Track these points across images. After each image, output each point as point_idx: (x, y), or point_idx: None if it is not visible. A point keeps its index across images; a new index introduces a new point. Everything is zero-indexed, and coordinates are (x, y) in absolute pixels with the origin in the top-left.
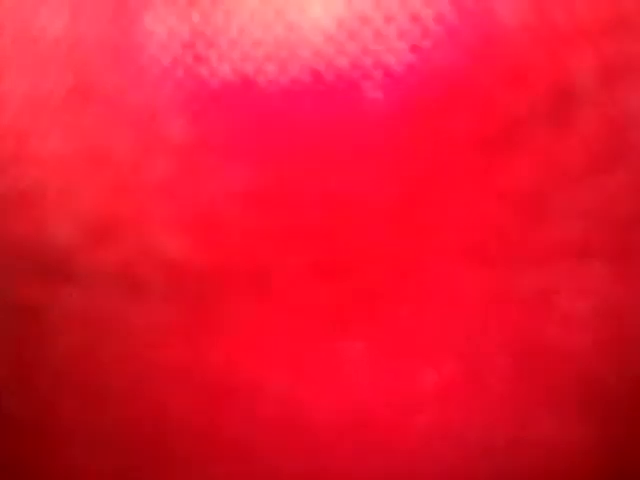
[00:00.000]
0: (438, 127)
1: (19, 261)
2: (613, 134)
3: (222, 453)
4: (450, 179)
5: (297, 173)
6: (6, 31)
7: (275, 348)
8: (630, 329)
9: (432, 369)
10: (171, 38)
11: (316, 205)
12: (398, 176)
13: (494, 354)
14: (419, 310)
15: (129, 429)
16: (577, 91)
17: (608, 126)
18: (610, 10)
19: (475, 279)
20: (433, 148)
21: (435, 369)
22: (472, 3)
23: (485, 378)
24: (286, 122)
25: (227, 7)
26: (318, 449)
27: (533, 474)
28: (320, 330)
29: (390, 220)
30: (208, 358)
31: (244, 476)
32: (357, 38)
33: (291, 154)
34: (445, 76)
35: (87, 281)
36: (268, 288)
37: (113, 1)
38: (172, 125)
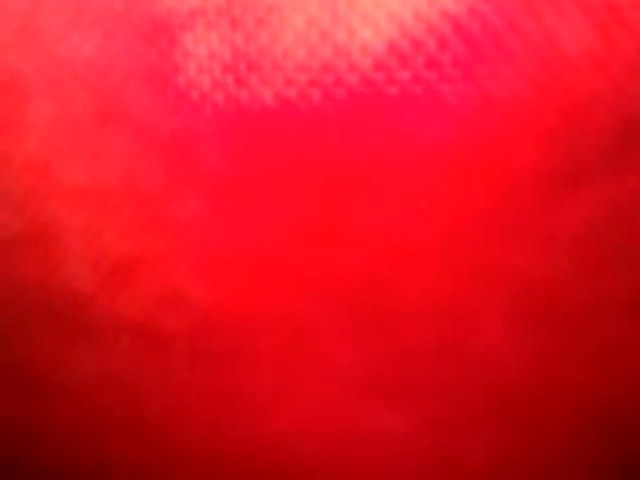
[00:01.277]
0: (492, 162)
1: (30, 309)
2: None
3: None
4: (503, 220)
5: (340, 211)
6: (32, 54)
7: (314, 412)
8: None
9: (484, 438)
10: (212, 60)
11: (359, 248)
12: (446, 216)
13: (553, 423)
14: (464, 374)
15: None
16: None
17: None
18: None
19: (527, 336)
20: (486, 186)
21: (488, 438)
22: (534, 29)
23: (543, 449)
24: (329, 154)
25: (272, 28)
26: None
27: None
28: (356, 393)
29: (434, 264)
30: (237, 426)
31: None
32: (409, 65)
33: (334, 190)
34: (502, 107)
35: (105, 337)
36: (297, 343)
37: (150, 21)
38: (208, 156)
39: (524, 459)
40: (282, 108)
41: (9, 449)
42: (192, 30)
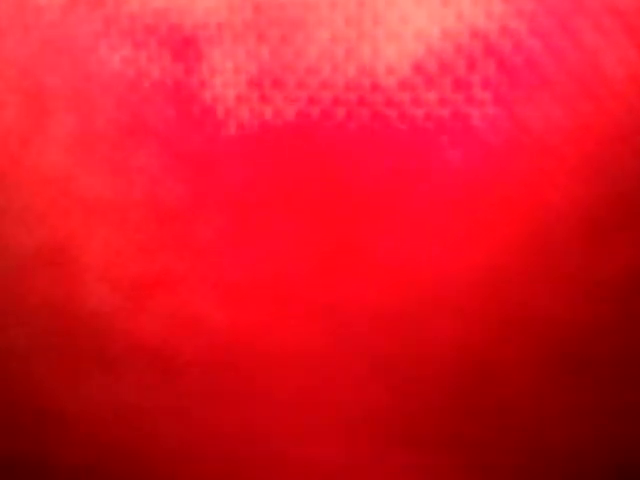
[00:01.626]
0: (526, 195)
1: (46, 331)
2: None
3: None
4: (540, 260)
5: (363, 236)
6: (59, 65)
7: (331, 455)
8: None
9: None
10: (237, 75)
11: (385, 282)
12: (477, 250)
13: (579, 466)
14: (489, 425)
15: None
16: None
17: None
18: None
19: (558, 386)
20: (520, 221)
21: None
22: (572, 50)
23: None
24: (353, 175)
25: (297, 44)
26: None
27: None
28: (366, 438)
29: (462, 303)
30: (249, 472)
31: None
32: (435, 86)
33: (359, 214)
34: (536, 134)
35: (121, 362)
36: (314, 379)
37: (179, 35)
38: (232, 173)
39: None
40: (305, 126)
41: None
42: (219, 44)
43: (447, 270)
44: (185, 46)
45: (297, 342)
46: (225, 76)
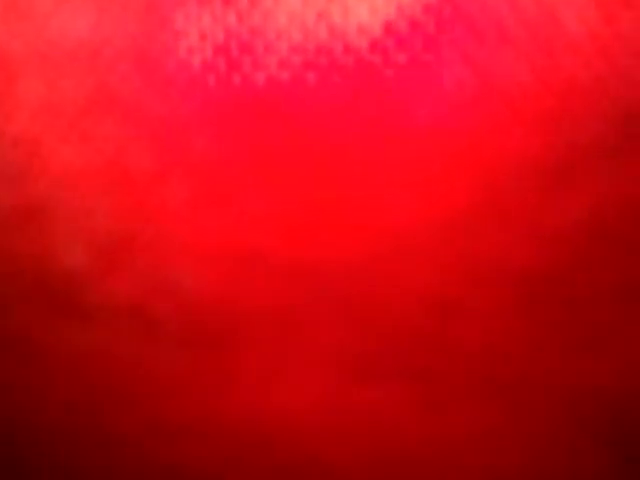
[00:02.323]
0: (489, 147)
1: (27, 284)
2: None
3: None
4: (499, 208)
5: (332, 196)
6: (22, 31)
7: (300, 397)
8: None
9: (474, 418)
10: (203, 40)
11: (351, 234)
12: (440, 201)
13: (545, 407)
14: (452, 359)
15: (143, 466)
16: None
17: None
18: None
19: (521, 324)
20: (482, 171)
21: (478, 418)
22: (533, 9)
23: (532, 424)
24: (323, 139)
25: (265, 7)
26: None
27: None
28: (347, 378)
29: (425, 251)
30: (225, 410)
31: None
32: (406, 46)
33: (326, 176)
34: (499, 90)
35: (99, 316)
36: (286, 332)
37: (142, 0)
38: (198, 141)
39: (509, 431)
40: (275, 92)
41: (5, 413)
42: (184, 8)
43: (412, 217)
44: (148, 10)
45: (266, 296)
46: (190, 41)
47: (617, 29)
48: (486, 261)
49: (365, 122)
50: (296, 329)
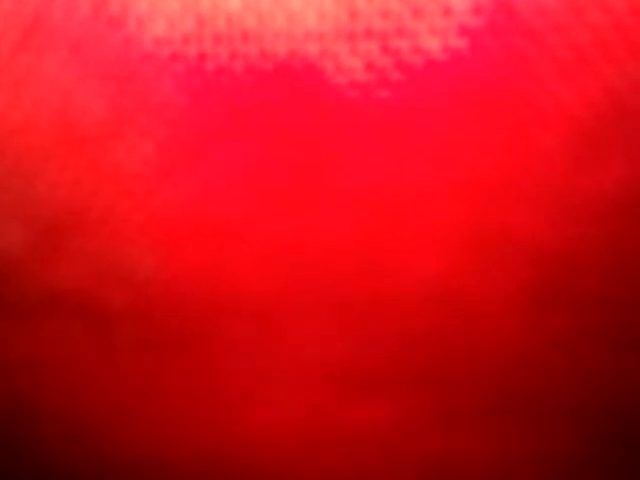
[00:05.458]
0: (511, 100)
1: None
2: None
3: None
4: (525, 183)
5: (324, 170)
6: None
7: (285, 414)
8: None
9: (484, 425)
10: None
11: (345, 217)
12: (456, 177)
13: (557, 409)
14: (464, 359)
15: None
16: None
17: None
18: None
19: (537, 315)
20: (501, 129)
21: (488, 425)
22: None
23: (546, 436)
24: (314, 100)
25: None
26: None
27: None
28: (342, 390)
29: (439, 236)
30: (192, 430)
31: None
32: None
33: (316, 145)
34: (524, 56)
35: (38, 312)
36: (267, 332)
37: None
38: (161, 84)
39: (525, 446)
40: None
41: None
42: None
43: (420, 197)
44: None
45: (248, 286)
46: None
47: None
48: (505, 241)
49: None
50: (280, 329)
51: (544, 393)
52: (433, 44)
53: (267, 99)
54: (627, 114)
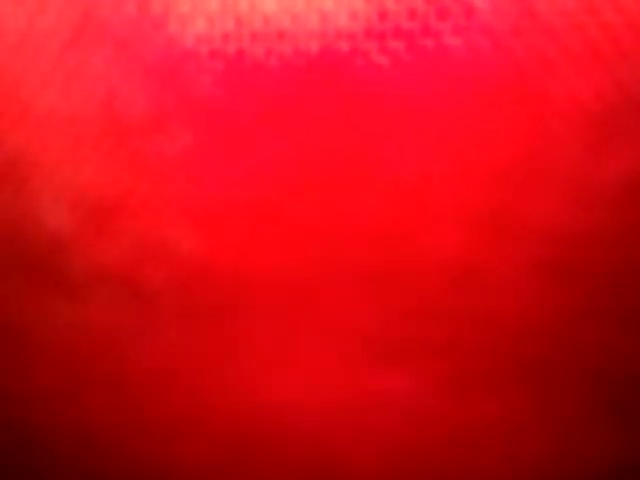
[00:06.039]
0: (527, 89)
1: (3, 255)
2: None
3: None
4: (540, 165)
5: (352, 155)
6: None
7: (314, 382)
8: None
9: (497, 395)
10: None
11: (370, 196)
12: (474, 158)
13: (568, 381)
14: (480, 331)
15: (129, 464)
16: None
17: None
18: None
19: (549, 291)
20: (522, 124)
21: (502, 395)
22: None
23: (557, 406)
24: (343, 91)
25: None
26: None
27: None
28: (368, 360)
29: (456, 214)
30: (226, 395)
31: None
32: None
33: (344, 133)
34: (542, 18)
35: (85, 287)
36: (297, 303)
37: None
38: (200, 80)
39: (538, 416)
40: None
41: None
42: None
43: (440, 178)
44: None
45: (280, 259)
46: None
47: None
48: (519, 223)
49: (393, 72)
50: (310, 303)
51: (559, 361)
52: (456, 43)
53: (301, 94)
54: (637, 106)
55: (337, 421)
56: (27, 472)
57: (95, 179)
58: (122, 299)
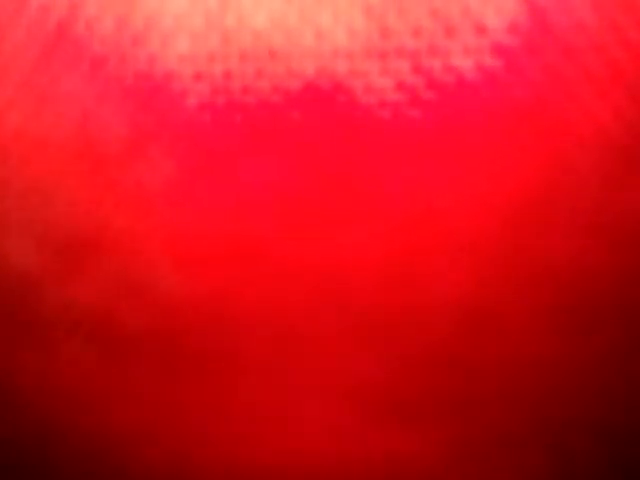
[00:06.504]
0: (548, 119)
1: None
2: None
3: None
4: (559, 198)
5: (348, 189)
6: None
7: (305, 442)
8: None
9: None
10: None
11: (368, 236)
12: (493, 189)
13: (583, 437)
14: (500, 383)
15: None
16: None
17: None
18: None
19: (561, 334)
20: (539, 157)
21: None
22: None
23: (573, 467)
24: (342, 119)
25: None
26: None
27: None
28: (361, 412)
29: (465, 255)
30: (210, 453)
31: None
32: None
33: (342, 164)
34: (564, 41)
35: (54, 334)
36: (286, 351)
37: None
38: (182, 104)
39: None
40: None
41: None
42: None
43: (457, 211)
44: None
45: (269, 306)
46: None
47: None
48: (536, 261)
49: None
50: (301, 349)
51: (582, 420)
52: (466, 63)
53: (293, 119)
54: None
55: (325, 477)
56: None
57: (66, 211)
58: (96, 346)
